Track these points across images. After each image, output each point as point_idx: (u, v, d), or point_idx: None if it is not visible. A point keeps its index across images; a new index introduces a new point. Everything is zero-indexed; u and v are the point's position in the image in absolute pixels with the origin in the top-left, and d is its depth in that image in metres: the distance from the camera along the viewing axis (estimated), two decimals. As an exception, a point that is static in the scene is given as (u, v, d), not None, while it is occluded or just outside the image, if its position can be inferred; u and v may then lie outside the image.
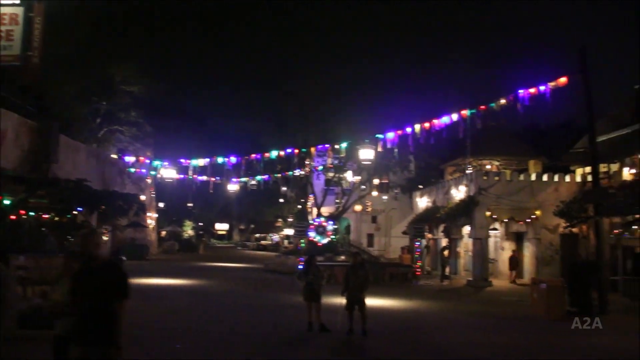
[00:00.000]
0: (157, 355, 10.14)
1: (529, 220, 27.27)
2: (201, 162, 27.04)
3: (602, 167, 23.77)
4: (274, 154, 25.90)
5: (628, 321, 14.63)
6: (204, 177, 31.15)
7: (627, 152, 22.69)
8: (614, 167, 23.89)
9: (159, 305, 16.60)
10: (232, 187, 34.16)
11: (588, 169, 18.70)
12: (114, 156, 29.82)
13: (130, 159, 30.09)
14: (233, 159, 26.54)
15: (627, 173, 21.64)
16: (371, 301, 14.79)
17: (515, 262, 27.99)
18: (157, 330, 12.46)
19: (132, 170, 32.49)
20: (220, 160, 26.65)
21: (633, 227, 17.01)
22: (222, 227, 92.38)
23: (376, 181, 39.54)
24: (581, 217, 19.01)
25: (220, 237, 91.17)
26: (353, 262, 13.42)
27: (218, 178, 32.29)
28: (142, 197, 40.44)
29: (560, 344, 12.66)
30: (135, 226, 39.02)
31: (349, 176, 36.45)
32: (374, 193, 40.38)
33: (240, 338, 12.11)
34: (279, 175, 33.84)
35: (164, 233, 62.12)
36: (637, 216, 15.73)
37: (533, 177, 28.79)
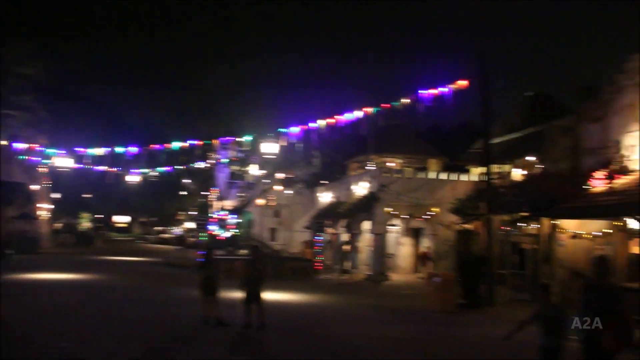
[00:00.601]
0: (39, 355, 9.61)
1: (428, 216, 28.24)
2: (99, 151, 25.93)
3: (496, 168, 24.99)
4: (176, 145, 25.30)
5: (512, 312, 15.46)
6: (103, 167, 29.96)
7: (518, 155, 23.97)
8: (506, 168, 25.17)
9: (47, 302, 15.81)
10: (133, 178, 33.12)
11: (483, 169, 19.59)
12: (3, 142, 28.06)
13: (20, 145, 28.38)
14: (133, 149, 25.66)
15: (517, 174, 22.85)
16: (271, 295, 14.81)
17: (426, 258, 28.86)
18: (43, 328, 11.85)
19: (23, 158, 30.70)
20: (119, 150, 25.70)
21: (520, 224, 18.00)
22: (121, 219, 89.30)
23: (280, 175, 39.60)
24: (474, 214, 19.90)
25: (120, 230, 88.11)
26: (252, 256, 13.37)
27: (117, 168, 31.19)
28: (34, 187, 38.34)
29: (449, 334, 13.20)
30: (25, 217, 36.99)
31: (253, 170, 36.29)
32: (278, 187, 40.44)
33: (133, 334, 11.73)
34: (182, 167, 33.15)
35: (59, 225, 59.24)
36: (524, 214, 16.67)
37: (432, 175, 29.86)
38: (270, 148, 21.99)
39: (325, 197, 36.71)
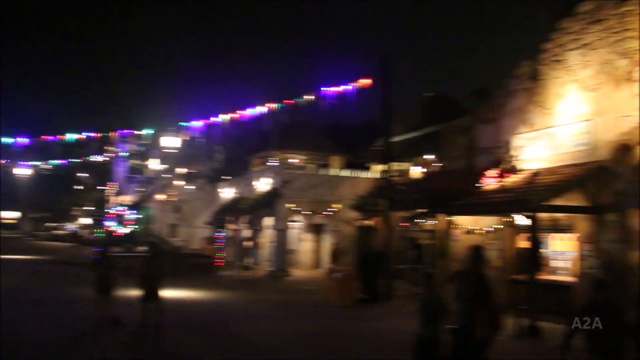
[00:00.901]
0: None
1: (329, 213, 28.57)
2: (-17, 141, 24.24)
3: (396, 166, 25.69)
4: (71, 136, 24.11)
5: (409, 305, 15.94)
6: (-14, 159, 28.08)
7: (417, 153, 24.77)
8: (406, 165, 25.93)
9: None
10: (22, 171, 31.26)
11: (383, 167, 20.08)
12: None
13: None
14: (23, 140, 24.19)
15: (416, 172, 23.62)
16: (170, 293, 14.43)
17: (338, 254, 29.02)
18: None
19: None
20: (7, 140, 24.13)
21: (417, 220, 18.58)
22: (10, 215, 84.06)
23: (181, 170, 38.76)
24: (374, 210, 20.33)
25: (8, 227, 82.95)
26: (150, 252, 12.98)
27: (5, 160, 29.34)
28: None
29: (347, 328, 13.42)
30: None
31: (153, 164, 35.26)
32: (179, 182, 39.55)
33: (21, 337, 11.06)
34: (78, 160, 31.66)
35: None
36: (421, 210, 17.23)
37: (334, 172, 30.26)
38: (171, 142, 21.47)
39: (227, 193, 36.26)
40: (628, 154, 13.54)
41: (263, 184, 30.09)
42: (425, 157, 23.30)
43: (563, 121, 15.52)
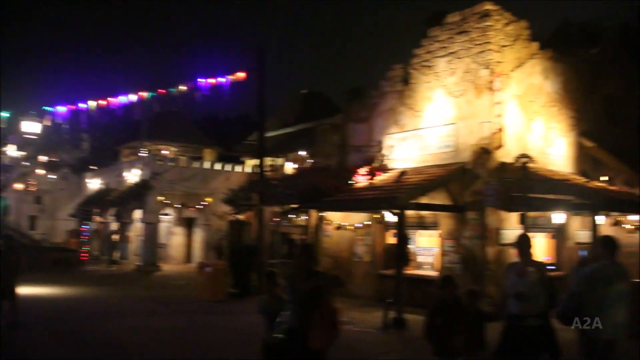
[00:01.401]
0: None
1: (201, 206, 28.10)
2: None
3: (269, 160, 25.79)
4: None
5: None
6: None
7: (291, 149, 25.02)
8: (280, 161, 26.11)
9: None
10: None
11: (257, 161, 20.05)
12: None
13: None
14: None
15: (290, 167, 23.84)
16: (28, 290, 13.49)
17: (220, 248, 28.35)
18: None
19: None
20: None
21: (290, 215, 18.77)
22: None
23: (43, 158, 36.33)
24: (246, 205, 20.27)
25: None
26: (4, 246, 12.05)
27: None
28: None
29: (216, 322, 13.27)
30: None
31: (11, 151, 32.70)
32: (40, 171, 37.04)
33: None
34: None
35: None
36: (294, 206, 17.41)
37: (207, 165, 29.79)
38: (31, 127, 19.96)
39: (93, 184, 34.55)
40: (487, 157, 14.55)
41: (133, 176, 28.99)
42: (299, 153, 23.58)
43: (431, 124, 16.35)
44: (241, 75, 18.57)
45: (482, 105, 14.96)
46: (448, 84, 15.92)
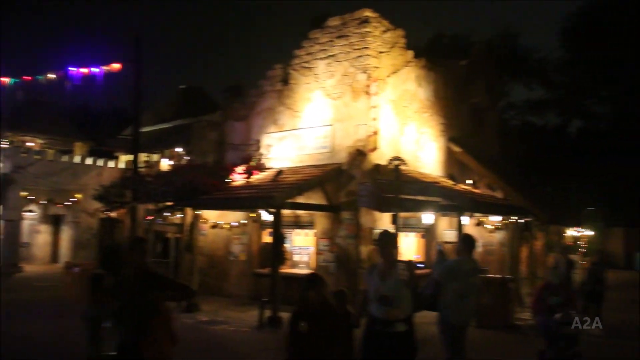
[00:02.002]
0: None
1: (69, 203, 26.61)
2: None
3: (144, 156, 24.93)
4: None
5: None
6: None
7: (167, 145, 24.32)
8: (155, 157, 25.30)
9: None
10: None
11: (132, 157, 19.31)
12: None
13: None
14: None
15: (166, 164, 23.17)
16: None
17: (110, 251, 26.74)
18: None
19: None
20: None
21: (165, 213, 18.26)
22: None
23: None
24: (119, 202, 19.47)
25: None
26: None
27: None
28: None
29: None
30: None
31: None
32: None
33: None
34: None
35: None
36: (169, 203, 16.96)
37: (77, 159, 28.24)
38: None
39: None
40: (362, 159, 14.97)
41: (-8, 168, 26.86)
42: (175, 149, 23.00)
43: (309, 124, 16.56)
44: (116, 66, 17.84)
45: (359, 108, 15.37)
46: (327, 86, 16.20)
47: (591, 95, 39.47)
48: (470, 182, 17.89)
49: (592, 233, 31.66)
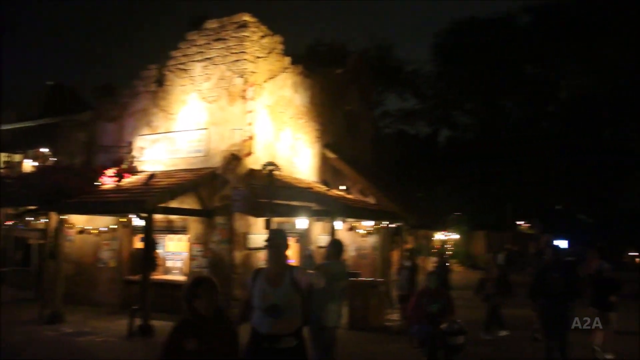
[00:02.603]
0: None
1: None
2: None
3: (5, 157, 23.26)
4: None
5: (13, 312, 14.55)
6: None
7: (30, 145, 22.84)
8: (17, 157, 23.67)
9: None
10: None
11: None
12: None
13: None
14: None
15: (28, 165, 21.75)
16: None
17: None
18: None
19: None
20: None
21: (27, 218, 17.14)
22: None
23: None
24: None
25: None
26: None
27: None
28: None
29: None
30: None
31: None
32: None
33: None
34: None
35: None
36: (32, 207, 15.94)
37: None
38: None
39: None
40: (237, 164, 14.93)
41: None
42: (40, 150, 21.66)
43: (183, 127, 16.26)
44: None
45: (235, 112, 15.32)
46: (203, 89, 16.00)
47: (457, 106, 42.12)
48: (344, 188, 18.37)
49: (457, 236, 33.63)
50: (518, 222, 42.25)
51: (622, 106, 32.49)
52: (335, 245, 7.93)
